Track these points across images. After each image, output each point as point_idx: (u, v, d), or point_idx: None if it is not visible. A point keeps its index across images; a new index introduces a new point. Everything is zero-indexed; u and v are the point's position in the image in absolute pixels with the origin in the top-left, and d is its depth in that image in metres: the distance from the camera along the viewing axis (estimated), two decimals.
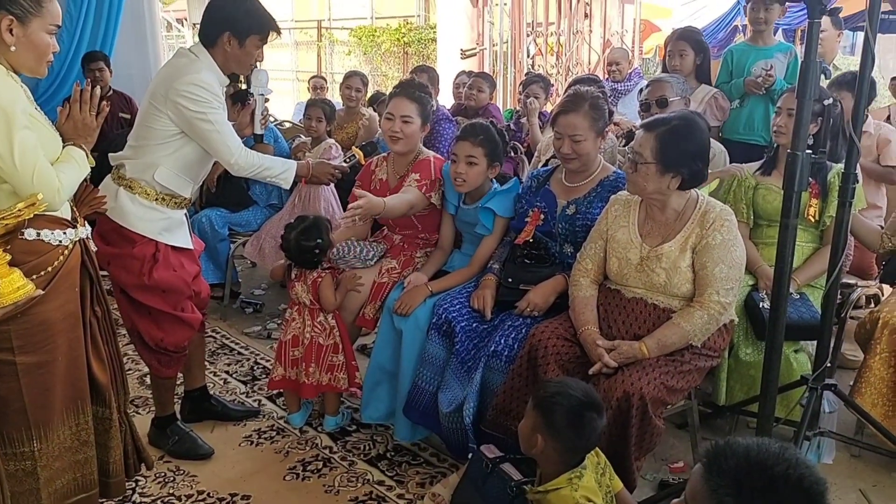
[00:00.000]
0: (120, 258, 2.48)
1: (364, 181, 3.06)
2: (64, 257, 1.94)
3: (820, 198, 2.84)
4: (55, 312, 1.92)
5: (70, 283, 1.97)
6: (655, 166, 2.23)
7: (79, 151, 1.98)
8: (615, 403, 2.09)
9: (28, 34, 1.83)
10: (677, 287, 2.29)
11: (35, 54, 1.87)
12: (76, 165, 1.95)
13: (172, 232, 2.54)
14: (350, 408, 3.04)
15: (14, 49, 1.83)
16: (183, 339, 2.63)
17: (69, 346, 1.98)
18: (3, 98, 1.76)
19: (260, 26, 2.48)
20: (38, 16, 1.84)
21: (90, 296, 2.07)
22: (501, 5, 9.22)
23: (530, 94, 4.48)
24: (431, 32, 12.54)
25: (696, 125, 2.31)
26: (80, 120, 1.99)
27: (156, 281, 2.48)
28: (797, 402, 2.54)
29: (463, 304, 2.66)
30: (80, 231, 2.01)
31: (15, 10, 1.80)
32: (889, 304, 2.69)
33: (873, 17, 2.17)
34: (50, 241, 1.90)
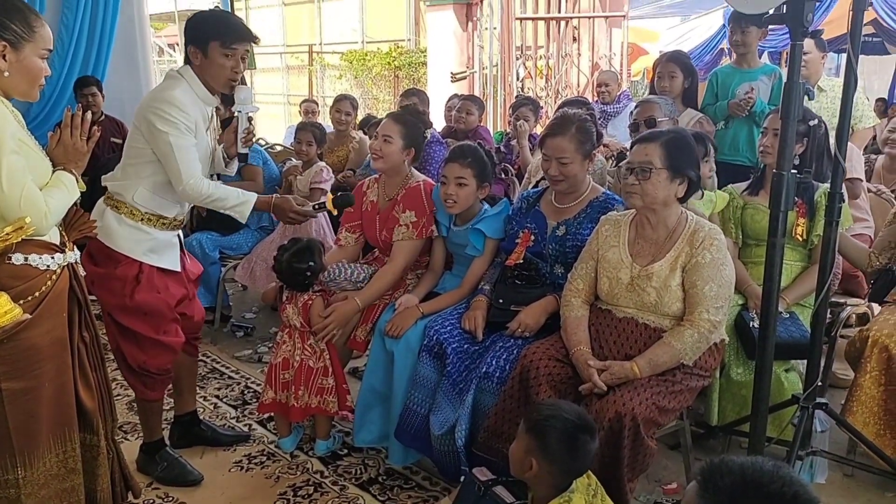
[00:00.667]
0: (104, 279, 2.46)
1: (355, 203, 3.08)
2: (52, 282, 1.93)
3: (807, 217, 2.87)
4: (42, 338, 1.91)
5: (58, 308, 1.96)
6: (666, 172, 2.27)
7: (68, 176, 1.97)
8: (607, 424, 2.09)
9: (21, 59, 1.85)
10: (668, 306, 2.30)
11: (28, 79, 1.89)
12: (65, 190, 1.94)
13: (159, 253, 2.51)
14: (341, 432, 3.01)
15: (7, 74, 1.84)
16: (165, 363, 2.59)
17: (56, 371, 1.96)
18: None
19: (219, 32, 2.39)
20: (30, 41, 1.85)
21: (78, 321, 2.05)
22: (491, 29, 9.31)
23: (520, 117, 4.52)
24: (422, 56, 12.63)
25: (689, 135, 2.45)
26: (71, 145, 1.98)
27: (137, 303, 2.45)
28: (789, 422, 2.54)
29: (454, 325, 2.65)
30: (68, 256, 2.01)
31: (7, 35, 1.82)
32: (878, 323, 2.70)
33: (855, 38, 2.21)
34: (38, 266, 1.89)
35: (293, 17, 16.83)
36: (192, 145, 2.41)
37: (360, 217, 3.09)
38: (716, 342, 2.34)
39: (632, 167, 2.31)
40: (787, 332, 2.62)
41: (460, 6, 10.05)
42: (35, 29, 1.86)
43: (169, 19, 18.84)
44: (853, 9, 2.23)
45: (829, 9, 6.89)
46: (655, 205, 2.32)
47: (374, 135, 2.96)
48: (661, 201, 2.32)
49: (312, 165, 4.23)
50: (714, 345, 2.34)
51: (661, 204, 2.32)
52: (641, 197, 2.30)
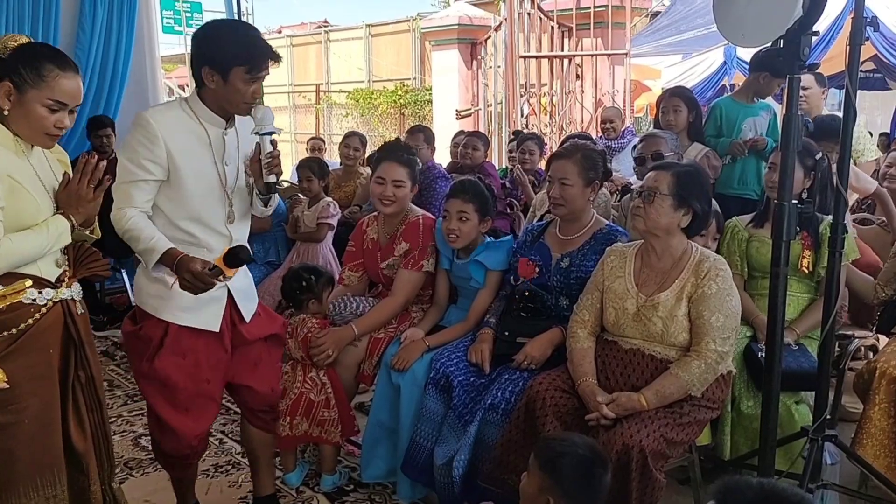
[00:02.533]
0: (129, 338, 2.25)
1: (356, 241, 3.12)
2: (34, 319, 1.88)
3: (813, 249, 2.88)
4: (20, 372, 1.85)
5: (42, 344, 1.91)
6: (671, 200, 2.30)
7: (60, 222, 1.92)
8: (615, 457, 2.07)
9: (22, 103, 1.86)
10: (674, 336, 2.30)
11: (28, 124, 1.88)
12: (44, 235, 1.87)
13: (193, 311, 2.18)
14: (348, 467, 3.00)
15: (6, 112, 1.86)
16: (179, 448, 2.26)
17: (39, 409, 1.90)
18: None
19: (246, 57, 2.10)
20: (34, 88, 1.85)
21: (74, 360, 1.99)
22: (495, 67, 9.46)
23: (525, 150, 4.58)
24: (427, 94, 12.82)
25: (705, 172, 2.48)
26: (75, 191, 1.94)
27: (155, 369, 2.17)
28: (799, 454, 2.52)
29: (460, 358, 2.66)
30: (61, 292, 1.96)
31: (15, 78, 1.85)
32: (886, 354, 2.69)
33: (853, 73, 2.25)
34: (21, 300, 1.86)
35: (301, 56, 17.15)
36: (141, 177, 2.10)
37: (361, 255, 3.11)
38: (723, 373, 2.34)
39: (640, 191, 2.36)
40: (795, 363, 2.62)
41: (465, 45, 10.23)
42: (44, 77, 1.85)
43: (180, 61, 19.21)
44: (850, 43, 2.27)
45: (829, 46, 6.98)
46: (657, 230, 2.34)
47: (379, 179, 2.92)
48: (662, 227, 2.34)
49: (319, 201, 4.28)
50: (721, 376, 2.33)
51: (664, 231, 2.34)
52: (644, 220, 2.34)
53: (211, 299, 2.19)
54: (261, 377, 2.40)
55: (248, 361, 2.37)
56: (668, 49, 9.91)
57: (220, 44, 2.12)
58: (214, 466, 3.05)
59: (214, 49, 2.12)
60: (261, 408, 2.47)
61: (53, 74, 1.87)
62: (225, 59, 2.10)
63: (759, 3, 1.93)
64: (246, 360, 2.36)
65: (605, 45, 8.91)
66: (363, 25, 15.88)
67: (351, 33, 16.21)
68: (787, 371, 2.38)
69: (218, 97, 2.16)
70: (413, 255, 2.91)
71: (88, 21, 5.60)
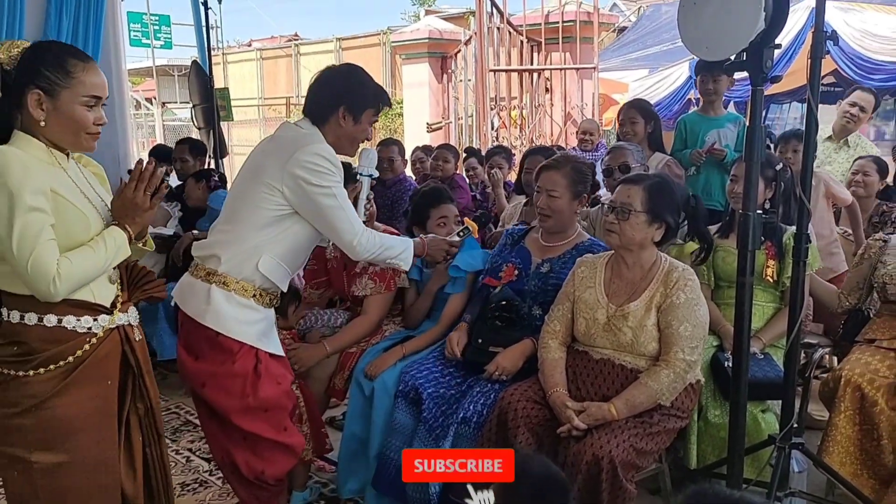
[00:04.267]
0: (217, 377, 2.13)
1: (318, 259, 3.07)
2: (90, 346, 1.74)
3: (777, 259, 2.92)
4: (77, 407, 1.72)
5: (100, 375, 1.76)
6: (645, 216, 2.33)
7: (117, 235, 1.77)
8: (584, 467, 2.08)
9: (58, 108, 1.71)
10: (644, 345, 2.32)
11: (68, 128, 1.73)
12: (101, 250, 1.73)
13: (269, 337, 2.23)
14: (319, 482, 2.96)
15: (44, 124, 1.71)
16: (285, 468, 2.29)
17: (96, 446, 1.76)
18: (13, 179, 1.62)
19: (375, 99, 2.28)
20: (67, 87, 1.70)
21: (132, 390, 1.84)
22: (465, 81, 9.53)
23: (493, 165, 4.60)
24: (398, 108, 12.84)
25: (674, 182, 2.50)
26: (131, 199, 1.78)
27: (261, 400, 2.14)
28: (766, 463, 2.54)
29: (430, 370, 2.64)
30: (117, 317, 1.80)
31: (42, 83, 1.69)
32: (850, 362, 2.74)
33: (814, 86, 2.30)
34: (75, 329, 1.72)
35: (271, 70, 17.10)
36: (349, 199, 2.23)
37: (325, 273, 3.09)
38: (692, 382, 2.36)
39: (613, 206, 2.38)
40: (761, 372, 2.65)
41: (435, 59, 10.30)
42: (73, 75, 1.71)
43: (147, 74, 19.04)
44: (811, 57, 2.32)
45: (792, 60, 7.14)
46: (632, 245, 2.37)
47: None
48: (637, 243, 2.37)
49: None
50: (690, 385, 2.35)
51: (638, 245, 2.37)
52: (619, 236, 2.36)
53: (272, 325, 2.29)
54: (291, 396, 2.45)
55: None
56: (635, 63, 10.08)
57: (361, 89, 2.26)
58: (181, 485, 2.99)
59: (356, 94, 2.24)
60: None
61: (80, 68, 1.73)
62: (361, 102, 2.24)
63: (722, 17, 1.97)
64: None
65: (573, 60, 9.03)
66: (334, 39, 15.90)
67: (321, 47, 16.21)
68: (753, 380, 2.40)
69: (340, 136, 2.25)
70: (388, 274, 2.90)
71: (53, 32, 5.51)
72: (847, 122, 4.39)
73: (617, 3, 17.15)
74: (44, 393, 1.68)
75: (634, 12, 14.10)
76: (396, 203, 4.26)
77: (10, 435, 1.70)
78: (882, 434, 2.55)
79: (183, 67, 15.21)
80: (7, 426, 1.70)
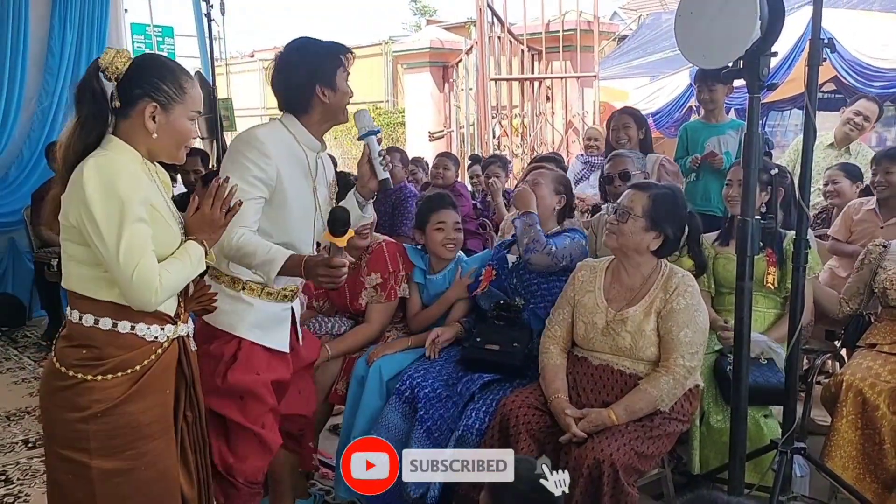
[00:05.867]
0: (200, 358, 2.09)
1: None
2: (156, 355, 1.76)
3: (777, 265, 2.93)
4: (143, 414, 1.73)
5: (163, 383, 1.79)
6: (644, 222, 2.36)
7: (197, 248, 1.80)
8: (586, 472, 2.09)
9: (170, 121, 1.75)
10: (642, 350, 2.33)
11: (175, 141, 1.79)
12: (188, 264, 1.77)
13: (264, 329, 2.18)
14: (322, 490, 2.96)
15: (156, 136, 1.75)
16: (256, 470, 2.20)
17: (157, 454, 1.77)
18: (123, 188, 1.65)
19: (338, 58, 2.17)
20: (180, 102, 1.76)
21: (185, 398, 1.86)
22: (467, 90, 9.57)
23: (490, 174, 4.63)
24: (400, 116, 12.90)
25: (682, 198, 2.52)
26: (209, 216, 1.82)
27: (230, 384, 2.12)
28: (769, 468, 2.55)
29: (428, 370, 2.68)
30: (180, 328, 1.83)
31: (159, 97, 1.73)
32: (851, 367, 2.75)
33: (812, 93, 2.32)
34: (144, 336, 1.74)
35: None
36: (251, 195, 2.07)
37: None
38: (691, 387, 2.37)
39: (615, 208, 2.42)
40: (763, 378, 2.65)
41: (437, 68, 10.34)
42: (186, 90, 1.77)
43: None
44: (809, 64, 2.34)
45: (791, 67, 7.16)
46: (627, 248, 2.39)
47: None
48: (632, 247, 2.39)
49: None
50: (689, 390, 2.36)
51: (633, 250, 2.39)
52: (617, 237, 2.39)
53: (279, 319, 2.21)
54: (306, 402, 2.39)
55: (294, 389, 2.33)
56: (636, 71, 10.12)
57: (321, 58, 2.15)
58: None
59: (319, 63, 2.14)
60: (297, 431, 2.40)
61: (190, 84, 1.79)
62: (330, 69, 2.15)
63: (718, 25, 1.99)
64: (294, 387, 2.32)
65: (574, 68, 9.06)
66: None
67: None
68: (755, 386, 2.41)
69: (328, 111, 2.18)
70: (389, 283, 2.92)
71: (57, 44, 5.57)
72: (850, 130, 4.40)
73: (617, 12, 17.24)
74: (111, 399, 1.69)
75: (635, 21, 14.16)
76: (398, 210, 4.29)
77: (73, 439, 1.70)
78: (884, 438, 2.55)
79: None
80: (71, 430, 1.70)
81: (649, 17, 13.35)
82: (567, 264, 2.70)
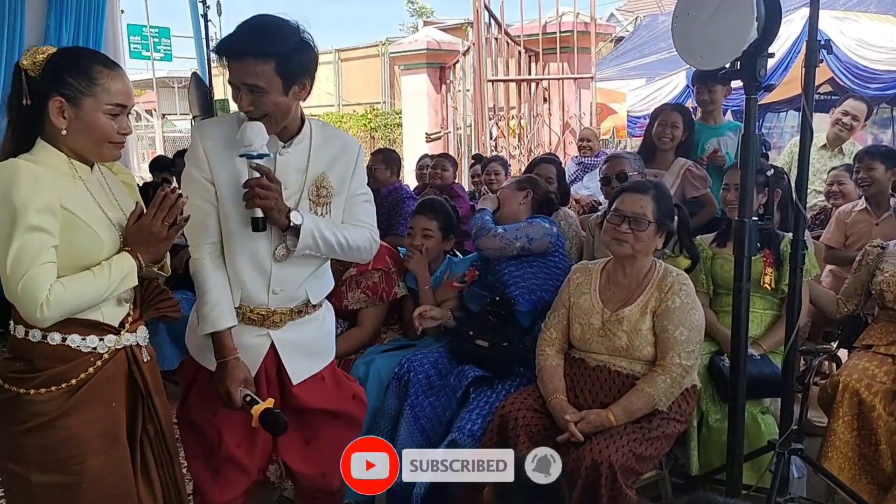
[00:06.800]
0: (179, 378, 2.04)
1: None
2: (95, 368, 1.67)
3: (775, 266, 2.93)
4: (84, 429, 1.65)
5: (106, 397, 1.69)
6: (655, 226, 2.37)
7: (126, 262, 1.67)
8: (584, 473, 2.09)
9: (80, 116, 1.62)
10: (639, 350, 2.34)
11: (91, 137, 1.65)
12: (104, 278, 1.63)
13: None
14: None
15: (65, 133, 1.63)
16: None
17: (103, 469, 1.68)
18: (19, 194, 1.53)
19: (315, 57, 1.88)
20: (90, 95, 1.62)
21: (142, 412, 1.77)
22: (464, 91, 9.57)
23: (490, 172, 4.63)
24: (397, 117, 12.92)
25: (667, 189, 2.55)
26: (147, 228, 1.68)
27: (184, 414, 1.97)
28: (766, 469, 2.55)
29: (425, 356, 2.71)
30: (124, 338, 1.72)
31: (65, 90, 1.61)
32: (848, 368, 2.75)
33: (809, 95, 2.32)
34: (79, 348, 1.65)
35: None
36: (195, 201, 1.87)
37: None
38: (688, 387, 2.37)
39: (624, 215, 2.38)
40: (756, 369, 2.64)
41: (433, 69, 10.34)
42: (97, 82, 1.62)
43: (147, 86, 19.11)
44: (805, 66, 2.34)
45: (788, 69, 7.18)
46: (640, 254, 2.40)
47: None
48: (645, 251, 2.40)
49: None
50: (686, 390, 2.37)
51: (644, 254, 2.41)
52: (633, 245, 2.37)
53: (248, 348, 1.91)
54: (311, 458, 2.05)
55: (297, 437, 2.03)
56: (633, 73, 10.14)
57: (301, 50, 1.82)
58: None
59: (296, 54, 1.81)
60: (311, 491, 2.14)
61: (105, 75, 1.64)
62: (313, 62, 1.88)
63: (715, 26, 1.99)
64: (294, 436, 1.98)
65: (571, 69, 9.06)
66: (332, 50, 15.97)
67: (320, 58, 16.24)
68: (750, 377, 2.40)
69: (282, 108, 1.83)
70: (379, 287, 2.92)
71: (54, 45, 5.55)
72: (840, 130, 4.40)
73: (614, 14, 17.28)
74: (48, 412, 1.62)
75: (631, 22, 14.20)
76: (393, 211, 4.28)
77: (14, 452, 1.66)
78: (880, 439, 2.56)
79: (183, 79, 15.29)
80: (13, 443, 1.65)
81: (646, 18, 13.39)
82: (524, 244, 2.74)
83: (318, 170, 1.92)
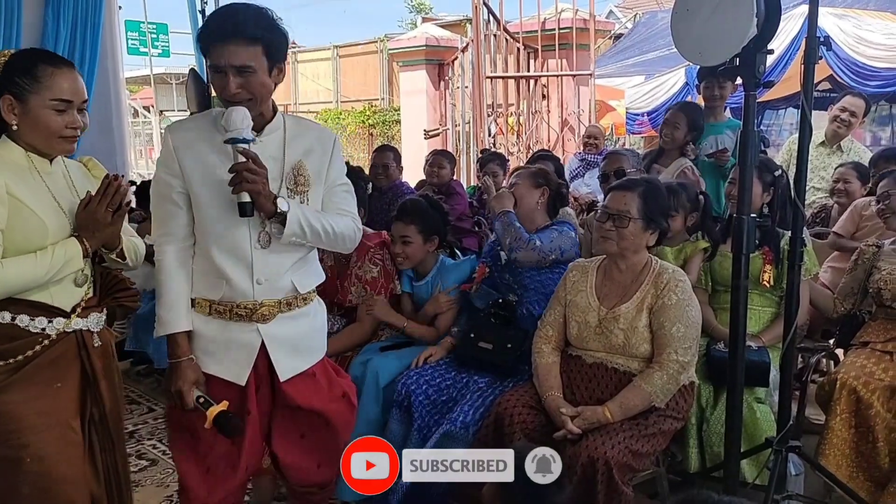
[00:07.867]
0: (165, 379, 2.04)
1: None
2: (42, 346, 1.75)
3: (774, 264, 2.93)
4: (23, 406, 1.72)
5: (48, 377, 1.76)
6: (641, 222, 2.35)
7: (71, 247, 1.76)
8: (580, 470, 2.09)
9: (27, 112, 1.75)
10: (635, 347, 2.34)
11: (38, 132, 1.76)
12: (45, 261, 1.72)
13: (216, 357, 1.91)
14: None
15: (16, 128, 1.76)
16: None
17: (44, 447, 1.73)
18: None
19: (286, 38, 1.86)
20: (34, 92, 1.74)
21: (89, 396, 1.84)
22: (462, 88, 9.55)
23: (488, 172, 4.62)
24: (395, 114, 12.90)
25: (662, 186, 2.53)
26: (91, 214, 1.77)
27: (174, 412, 1.96)
28: (764, 466, 2.55)
29: (420, 375, 2.67)
30: (74, 322, 1.80)
31: (13, 89, 1.74)
32: (846, 366, 2.75)
33: (808, 91, 2.31)
34: (28, 328, 1.74)
35: None
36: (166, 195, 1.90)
37: None
38: (685, 384, 2.37)
39: (609, 213, 2.39)
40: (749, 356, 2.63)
41: (432, 66, 10.32)
42: (41, 80, 1.74)
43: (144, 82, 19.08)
44: (805, 63, 2.34)
45: (787, 66, 7.18)
46: (627, 252, 2.39)
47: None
48: (632, 249, 2.39)
49: None
50: (684, 386, 2.37)
51: (632, 251, 2.39)
52: (617, 243, 2.37)
53: (240, 346, 1.91)
54: (306, 450, 2.07)
55: (292, 430, 2.04)
56: (632, 70, 10.13)
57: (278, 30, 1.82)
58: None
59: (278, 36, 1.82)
60: (305, 487, 2.13)
61: (48, 73, 1.75)
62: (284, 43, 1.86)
63: (714, 22, 1.99)
64: (288, 429, 2.03)
65: (569, 66, 9.05)
66: (331, 46, 15.94)
67: (319, 54, 16.25)
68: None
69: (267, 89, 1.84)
70: (378, 282, 2.92)
71: (51, 42, 5.53)
72: (838, 127, 4.40)
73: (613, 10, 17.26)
74: None
75: (630, 19, 14.17)
76: (393, 208, 4.27)
77: None
78: (877, 436, 2.56)
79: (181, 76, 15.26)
80: None
81: (645, 15, 13.37)
82: (557, 257, 2.69)
83: (294, 158, 1.92)
